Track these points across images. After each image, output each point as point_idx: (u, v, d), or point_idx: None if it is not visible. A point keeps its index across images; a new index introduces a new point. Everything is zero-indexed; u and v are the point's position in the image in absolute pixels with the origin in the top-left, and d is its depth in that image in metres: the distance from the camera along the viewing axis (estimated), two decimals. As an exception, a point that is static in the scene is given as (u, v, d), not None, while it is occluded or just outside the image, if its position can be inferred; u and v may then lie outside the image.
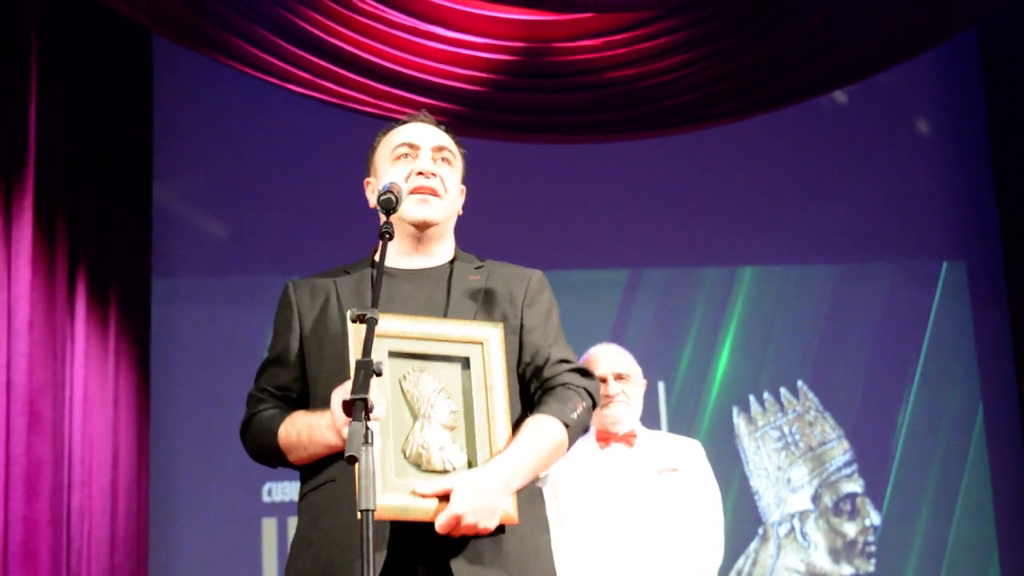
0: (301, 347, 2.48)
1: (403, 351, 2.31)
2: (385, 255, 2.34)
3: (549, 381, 2.45)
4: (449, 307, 2.45)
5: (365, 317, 2.15)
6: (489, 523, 2.22)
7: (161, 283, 5.69)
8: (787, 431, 6.05)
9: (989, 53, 6.44)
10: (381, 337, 2.25)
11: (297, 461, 2.41)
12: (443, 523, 2.19)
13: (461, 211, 2.64)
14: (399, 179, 2.49)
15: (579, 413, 2.42)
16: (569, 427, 2.40)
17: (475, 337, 2.37)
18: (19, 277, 4.70)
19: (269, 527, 5.64)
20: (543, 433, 2.36)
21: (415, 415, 2.29)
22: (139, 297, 5.52)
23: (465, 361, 2.35)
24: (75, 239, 5.11)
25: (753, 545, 5.92)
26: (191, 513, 5.58)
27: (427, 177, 2.52)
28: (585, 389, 2.46)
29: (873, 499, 6.03)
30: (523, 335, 2.48)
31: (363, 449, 1.97)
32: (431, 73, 5.30)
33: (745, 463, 5.99)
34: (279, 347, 2.51)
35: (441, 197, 2.53)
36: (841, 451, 6.07)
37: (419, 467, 2.26)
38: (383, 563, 2.20)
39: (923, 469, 6.08)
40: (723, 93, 5.58)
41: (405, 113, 2.70)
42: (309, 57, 5.15)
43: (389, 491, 2.19)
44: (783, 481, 6.00)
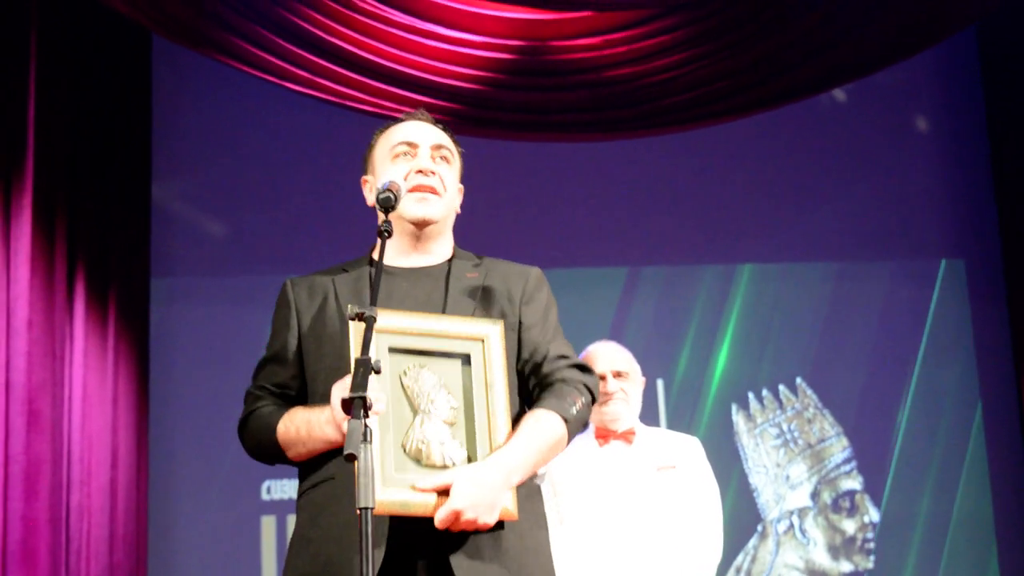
0: (299, 345, 2.47)
1: (403, 347, 2.31)
2: (384, 253, 2.34)
3: (548, 377, 2.45)
4: (447, 305, 2.44)
5: (364, 315, 2.15)
6: (488, 518, 2.22)
7: (160, 282, 5.70)
8: (786, 428, 6.05)
9: (988, 51, 6.44)
10: (382, 333, 2.25)
11: (296, 457, 2.40)
12: (442, 518, 2.19)
13: (459, 210, 2.64)
14: (398, 178, 2.49)
15: (578, 408, 2.41)
16: (568, 422, 2.39)
17: (476, 334, 2.37)
18: (18, 276, 4.70)
19: (268, 525, 5.64)
20: (542, 428, 2.36)
21: (415, 410, 2.29)
22: (138, 296, 5.52)
23: (465, 358, 2.35)
24: (74, 238, 5.11)
25: (752, 542, 5.92)
26: (190, 512, 5.58)
27: (426, 175, 2.51)
28: (584, 384, 2.46)
29: (872, 496, 6.03)
30: (521, 332, 2.47)
31: (362, 447, 1.98)
32: (430, 72, 5.30)
33: (744, 460, 5.99)
34: (277, 345, 2.51)
35: (440, 195, 2.53)
36: (840, 448, 6.07)
37: (419, 462, 2.25)
38: (382, 560, 2.20)
39: (922, 466, 6.08)
40: (722, 91, 5.58)
41: (404, 112, 2.70)
42: (308, 56, 5.15)
43: (389, 486, 2.19)
44: (782, 478, 6.00)
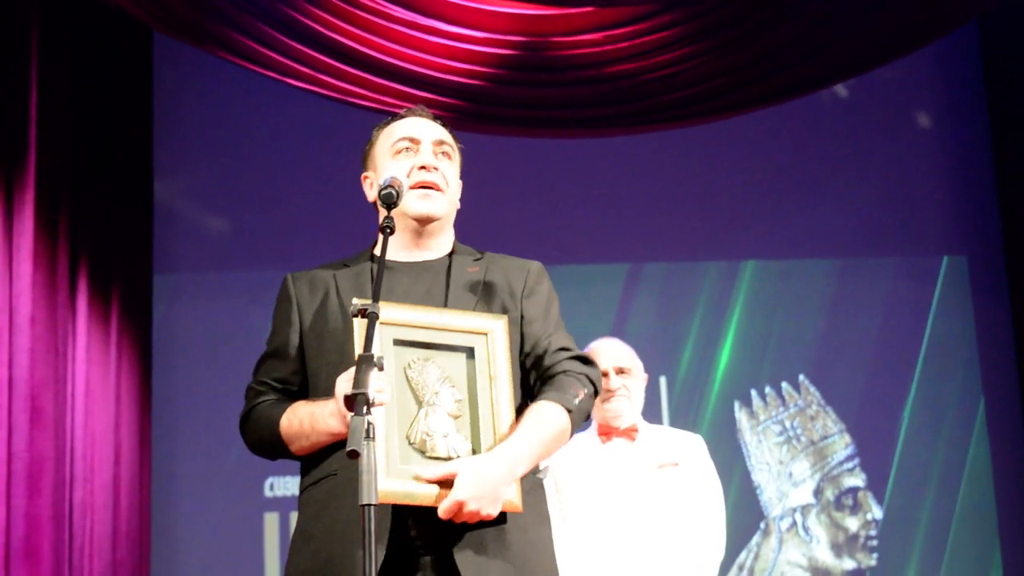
0: (301, 340, 2.47)
1: (408, 339, 2.31)
2: (386, 249, 2.33)
3: (549, 369, 2.44)
4: (448, 299, 2.44)
5: (367, 311, 2.15)
6: (492, 510, 2.22)
7: (162, 279, 5.70)
8: (789, 425, 6.05)
9: (990, 47, 6.44)
10: (386, 325, 2.25)
11: (299, 451, 2.39)
12: (446, 508, 2.19)
13: (459, 204, 2.63)
14: (400, 174, 2.48)
15: (580, 399, 2.40)
16: (571, 413, 2.38)
17: (480, 328, 2.36)
18: (21, 273, 4.70)
19: (271, 522, 5.64)
20: (546, 420, 2.35)
21: (420, 403, 2.29)
22: (140, 293, 5.52)
23: (470, 351, 2.35)
24: (76, 236, 5.11)
25: (755, 539, 5.92)
26: (193, 508, 5.59)
27: (429, 171, 2.51)
28: (586, 376, 2.44)
29: (875, 493, 6.03)
30: (523, 326, 2.47)
31: (364, 444, 1.97)
32: (432, 68, 5.29)
33: (747, 457, 5.99)
34: (278, 340, 2.50)
35: (443, 192, 2.52)
36: (843, 445, 6.06)
37: (423, 454, 2.25)
38: (384, 556, 2.19)
39: (925, 463, 6.07)
40: (723, 88, 5.57)
41: (405, 108, 2.69)
42: (309, 52, 5.15)
43: (393, 477, 2.19)
44: (785, 475, 6.00)
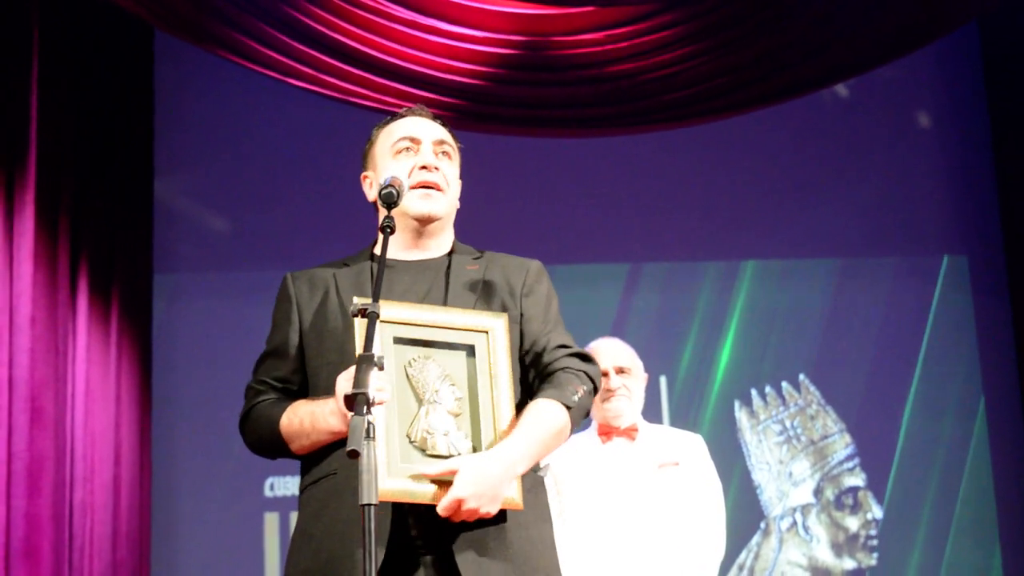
0: (301, 339, 2.47)
1: (408, 337, 2.31)
2: (386, 249, 2.33)
3: (548, 367, 2.43)
4: (448, 298, 2.44)
5: (368, 311, 2.15)
6: (491, 508, 2.21)
7: (163, 279, 5.70)
8: (789, 425, 6.05)
9: (990, 47, 6.44)
10: (386, 323, 2.25)
11: (299, 450, 2.39)
12: (445, 506, 2.19)
13: (458, 204, 2.63)
14: (401, 174, 2.48)
15: (580, 396, 2.39)
16: (571, 410, 2.37)
17: (480, 326, 2.36)
18: (21, 272, 4.70)
19: (271, 522, 5.64)
20: (545, 417, 2.34)
21: (420, 401, 2.29)
22: (141, 293, 5.52)
23: (470, 349, 2.35)
24: (77, 235, 5.11)
25: (755, 539, 5.92)
26: (193, 508, 5.59)
27: (430, 171, 2.51)
28: (585, 373, 2.44)
29: (875, 493, 6.03)
30: (523, 324, 2.46)
31: (365, 443, 1.97)
32: (433, 67, 5.29)
33: (747, 457, 5.99)
34: (278, 339, 2.50)
35: (444, 191, 2.52)
36: (843, 445, 6.06)
37: (424, 452, 2.25)
38: (384, 556, 2.19)
39: (925, 462, 6.07)
40: (723, 87, 5.57)
41: (405, 107, 2.69)
42: (310, 52, 5.15)
43: (394, 475, 2.19)
44: (785, 475, 6.00)
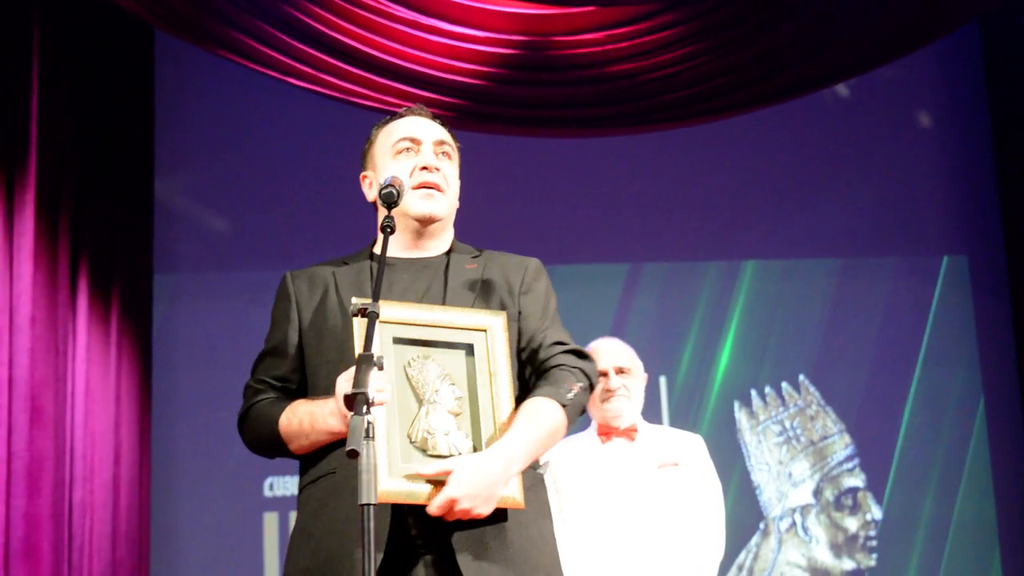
0: (300, 338, 2.46)
1: (407, 337, 2.31)
2: (386, 248, 2.33)
3: (544, 363, 2.43)
4: (447, 296, 2.44)
5: (367, 311, 2.14)
6: (484, 509, 2.21)
7: (163, 279, 5.70)
8: (788, 425, 6.05)
9: (991, 47, 6.44)
10: (385, 323, 2.25)
11: (298, 450, 2.39)
12: (438, 506, 2.18)
13: (458, 204, 2.63)
14: (402, 174, 2.48)
15: (575, 393, 2.39)
16: (566, 408, 2.36)
17: (479, 325, 2.36)
18: (21, 272, 4.70)
19: (271, 521, 5.64)
20: (540, 416, 2.33)
21: (420, 401, 2.28)
22: (141, 293, 5.52)
23: (469, 348, 2.34)
24: (77, 235, 5.11)
25: (754, 539, 5.92)
26: (192, 508, 5.59)
27: (431, 172, 2.51)
28: (581, 370, 2.43)
29: (874, 493, 6.03)
30: (520, 321, 2.46)
31: (364, 443, 1.97)
32: (433, 67, 5.29)
33: (746, 457, 5.99)
34: (277, 338, 2.50)
35: (445, 192, 2.52)
36: (842, 445, 6.06)
37: (424, 452, 2.25)
38: (383, 555, 2.19)
39: (924, 463, 6.08)
40: (724, 87, 5.57)
41: (404, 107, 2.68)
42: (310, 51, 5.15)
43: (395, 476, 2.19)
44: (784, 475, 6.00)
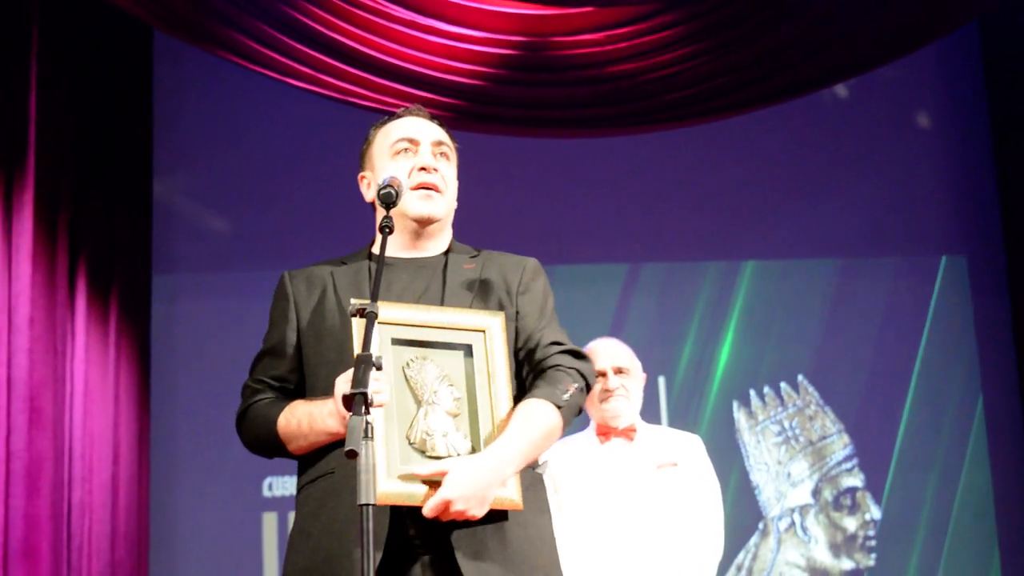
0: (298, 338, 2.46)
1: (406, 338, 2.31)
2: (384, 249, 2.33)
3: (541, 364, 2.42)
4: (445, 296, 2.44)
5: (366, 311, 2.14)
6: (478, 511, 2.21)
7: (162, 279, 5.70)
8: (787, 425, 6.05)
9: (990, 47, 6.44)
10: (384, 324, 2.25)
11: (297, 451, 2.39)
12: (432, 507, 2.18)
13: (456, 204, 2.62)
14: (400, 174, 2.48)
15: (571, 394, 2.38)
16: (561, 409, 2.36)
17: (477, 325, 2.36)
18: (20, 273, 4.70)
19: (270, 521, 5.64)
20: (535, 418, 2.33)
21: (419, 402, 2.28)
22: (140, 293, 5.52)
23: (467, 349, 2.34)
24: (76, 235, 5.11)
25: (753, 539, 5.92)
26: (192, 508, 5.59)
27: (429, 172, 2.51)
28: (577, 370, 2.43)
29: (873, 493, 6.03)
30: (518, 321, 2.46)
31: (363, 443, 1.97)
32: (432, 67, 5.29)
33: (745, 457, 5.99)
34: (275, 338, 2.50)
35: (443, 193, 2.52)
36: (841, 445, 6.06)
37: (423, 453, 2.25)
38: (382, 555, 2.19)
39: (923, 463, 6.07)
40: (724, 87, 5.57)
41: (402, 107, 2.68)
42: (309, 52, 5.15)
43: (393, 478, 2.19)
44: (783, 475, 6.00)
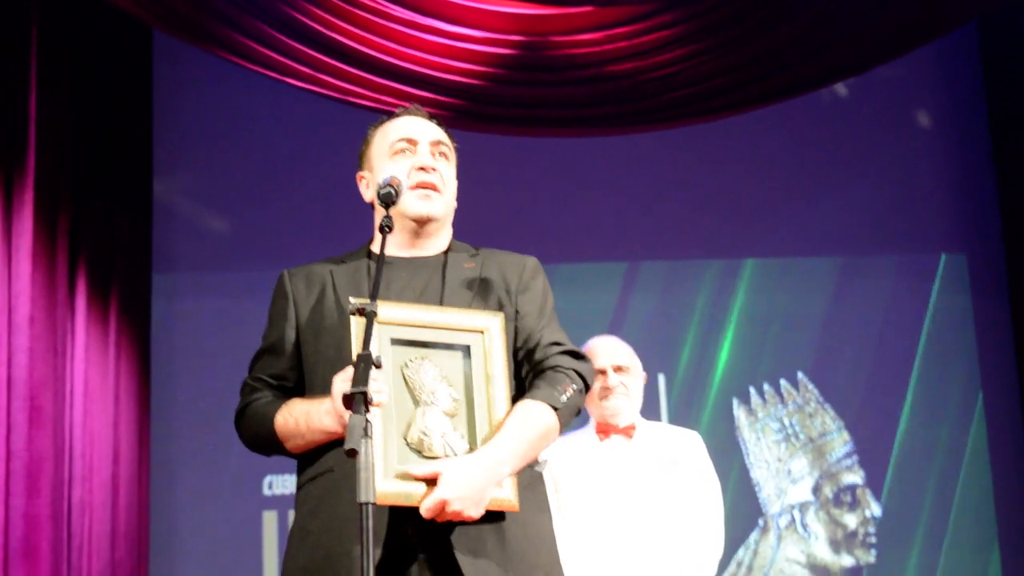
0: (297, 336, 2.47)
1: (405, 338, 2.31)
2: (384, 248, 2.33)
3: (540, 364, 2.43)
4: (444, 295, 2.44)
5: (365, 310, 2.15)
6: (474, 512, 2.21)
7: (162, 278, 5.70)
8: (787, 423, 6.05)
9: (990, 46, 6.44)
10: (383, 324, 2.25)
11: (294, 449, 2.40)
12: (428, 507, 2.19)
13: (455, 204, 2.63)
14: (399, 174, 2.48)
15: (569, 396, 2.39)
16: (558, 410, 2.36)
17: (476, 326, 2.36)
18: (20, 272, 4.70)
19: (270, 520, 5.64)
20: (532, 419, 2.33)
21: (417, 402, 2.29)
22: (140, 292, 5.52)
23: (466, 349, 2.35)
24: (76, 235, 5.11)
25: (753, 536, 5.93)
26: (192, 507, 5.59)
27: (428, 172, 2.51)
28: (576, 371, 2.43)
29: (873, 490, 6.03)
30: (517, 321, 2.46)
31: (362, 442, 1.98)
32: (431, 67, 5.29)
33: (745, 455, 6.00)
34: (274, 336, 2.51)
35: (442, 192, 2.53)
36: (841, 442, 6.07)
37: (420, 453, 2.25)
38: (381, 554, 2.20)
39: (923, 460, 6.08)
40: (723, 87, 5.57)
41: (401, 107, 2.69)
42: (308, 51, 5.15)
43: (390, 477, 2.19)
44: (783, 472, 6.00)
